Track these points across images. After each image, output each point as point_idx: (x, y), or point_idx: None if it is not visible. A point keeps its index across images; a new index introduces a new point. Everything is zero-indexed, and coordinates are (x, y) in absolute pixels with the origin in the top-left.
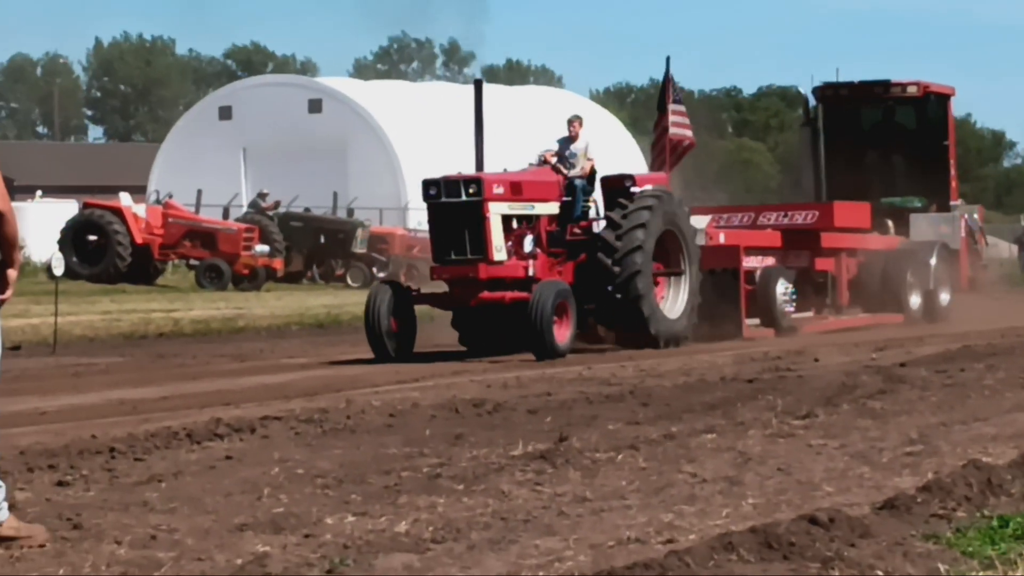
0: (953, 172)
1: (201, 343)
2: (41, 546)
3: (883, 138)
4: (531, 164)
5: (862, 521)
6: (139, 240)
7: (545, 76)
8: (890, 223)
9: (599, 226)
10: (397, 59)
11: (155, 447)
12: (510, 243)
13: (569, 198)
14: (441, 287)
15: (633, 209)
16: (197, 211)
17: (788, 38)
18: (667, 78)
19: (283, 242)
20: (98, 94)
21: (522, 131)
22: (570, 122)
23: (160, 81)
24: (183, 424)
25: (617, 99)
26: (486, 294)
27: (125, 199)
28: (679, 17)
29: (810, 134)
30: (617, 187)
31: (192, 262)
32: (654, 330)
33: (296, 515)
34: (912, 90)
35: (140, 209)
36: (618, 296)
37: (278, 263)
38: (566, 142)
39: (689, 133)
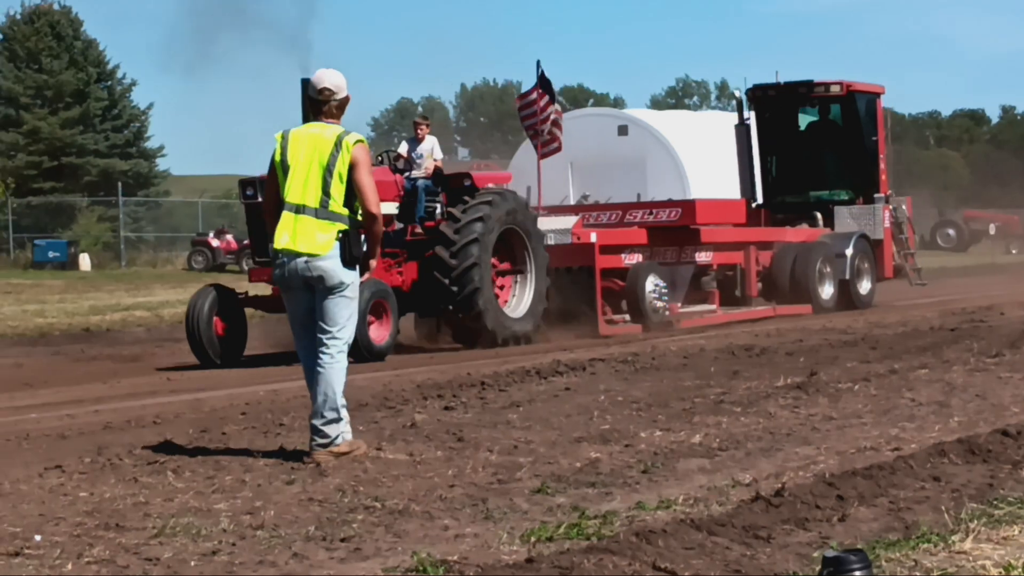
0: (883, 166)
1: None
2: (364, 455)
3: (817, 135)
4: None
5: None
6: None
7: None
8: (819, 215)
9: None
10: (682, 94)
11: (514, 381)
12: None
13: (412, 199)
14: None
15: (473, 204)
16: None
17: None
18: (540, 79)
19: None
20: (464, 124)
21: (709, 148)
22: (416, 124)
23: (510, 114)
24: (533, 365)
25: None
26: None
27: None
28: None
29: (744, 133)
30: (457, 186)
31: None
32: (490, 324)
33: (618, 430)
34: (835, 89)
35: None
36: (454, 288)
37: None
38: (413, 143)
39: (559, 134)
